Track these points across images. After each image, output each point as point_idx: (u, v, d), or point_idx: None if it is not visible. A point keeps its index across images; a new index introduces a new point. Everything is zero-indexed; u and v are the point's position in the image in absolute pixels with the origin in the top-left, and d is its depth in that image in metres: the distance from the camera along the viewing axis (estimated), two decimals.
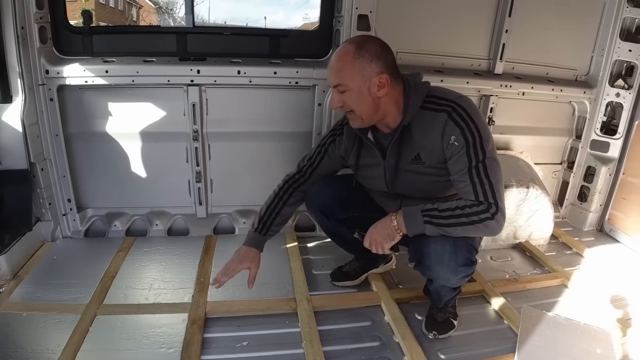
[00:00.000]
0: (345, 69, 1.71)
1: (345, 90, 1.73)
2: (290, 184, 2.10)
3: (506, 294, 2.38)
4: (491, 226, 1.65)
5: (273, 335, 2.03)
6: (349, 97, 1.74)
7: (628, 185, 3.08)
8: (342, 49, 1.73)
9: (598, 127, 3.19)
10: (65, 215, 2.76)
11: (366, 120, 1.80)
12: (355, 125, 1.84)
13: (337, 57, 1.73)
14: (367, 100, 1.73)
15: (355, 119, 1.81)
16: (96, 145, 2.72)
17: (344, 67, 1.71)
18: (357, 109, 1.76)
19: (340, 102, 1.76)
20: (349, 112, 1.80)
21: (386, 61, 1.71)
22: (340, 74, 1.72)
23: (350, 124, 1.87)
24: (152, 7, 23.10)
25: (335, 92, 1.76)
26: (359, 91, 1.71)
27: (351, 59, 1.69)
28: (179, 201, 2.93)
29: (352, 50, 1.69)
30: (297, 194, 2.10)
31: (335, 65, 1.73)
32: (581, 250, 2.93)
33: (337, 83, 1.73)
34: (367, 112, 1.77)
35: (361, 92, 1.71)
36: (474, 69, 3.04)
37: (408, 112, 1.76)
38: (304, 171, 2.12)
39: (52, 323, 2.00)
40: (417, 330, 2.07)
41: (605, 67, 3.10)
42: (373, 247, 1.81)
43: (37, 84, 2.45)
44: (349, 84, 1.71)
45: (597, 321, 2.15)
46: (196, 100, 2.67)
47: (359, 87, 1.71)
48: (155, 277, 2.42)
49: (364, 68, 1.69)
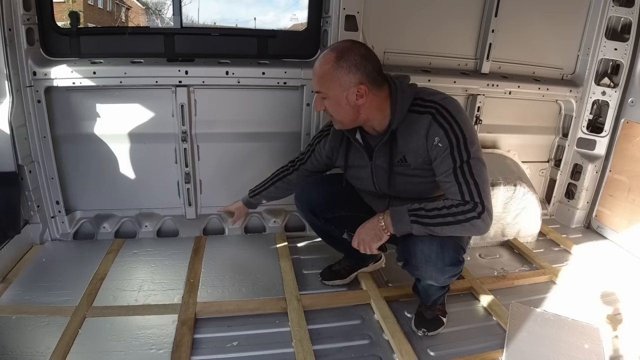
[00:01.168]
0: (325, 77, 1.73)
1: (325, 97, 1.77)
2: (281, 170, 2.35)
3: (495, 290, 2.40)
4: (478, 225, 1.66)
5: (263, 335, 2.03)
6: (328, 103, 1.78)
7: (615, 182, 3.12)
8: (324, 56, 1.74)
9: (584, 125, 3.23)
10: (53, 218, 2.74)
11: (347, 124, 1.84)
12: (337, 127, 1.90)
13: (319, 64, 1.75)
14: (346, 108, 1.76)
15: (336, 123, 1.87)
16: (84, 147, 2.71)
17: (324, 75, 1.73)
18: (336, 115, 1.81)
19: (322, 106, 1.81)
20: (330, 116, 1.84)
21: (366, 71, 1.70)
22: (319, 81, 1.75)
23: (334, 125, 1.92)
24: (140, 8, 22.96)
25: (318, 97, 1.80)
26: (336, 99, 1.74)
27: (330, 68, 1.71)
28: (168, 202, 2.93)
29: (332, 59, 1.70)
30: (284, 180, 2.33)
31: (316, 72, 1.76)
32: (569, 247, 2.96)
33: (317, 90, 1.78)
34: (346, 118, 1.80)
35: (339, 100, 1.74)
36: (461, 68, 3.06)
37: (396, 118, 1.77)
38: (295, 162, 2.30)
39: (41, 326, 1.99)
40: (407, 327, 2.09)
41: (591, 65, 3.14)
42: (361, 247, 1.83)
43: (24, 86, 2.43)
44: (327, 92, 1.74)
45: (585, 317, 2.17)
46: (184, 101, 2.66)
47: (337, 96, 1.73)
48: (144, 278, 2.41)
49: (342, 78, 1.70)
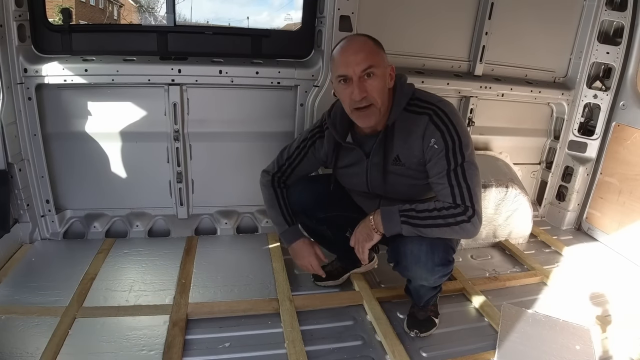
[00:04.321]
0: (373, 52, 1.71)
1: (373, 75, 1.69)
2: (277, 183, 2.17)
3: (486, 291, 2.41)
4: (467, 229, 1.67)
5: (255, 336, 2.03)
6: (373, 84, 1.70)
7: (605, 184, 3.14)
8: (358, 38, 1.74)
9: (576, 128, 3.26)
10: (43, 217, 2.71)
11: (383, 110, 1.76)
12: (370, 122, 1.78)
13: (360, 42, 1.72)
14: (385, 90, 1.75)
15: (373, 113, 1.75)
16: (75, 146, 2.69)
17: (372, 49, 1.71)
18: (379, 98, 1.72)
19: (364, 91, 1.70)
20: (366, 107, 1.73)
21: None
22: (369, 55, 1.69)
23: (361, 122, 1.80)
24: (133, 5, 22.87)
25: (360, 81, 1.69)
26: (382, 77, 1.72)
27: (373, 44, 1.72)
28: (159, 202, 2.91)
29: (370, 39, 1.72)
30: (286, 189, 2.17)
31: (363, 49, 1.70)
32: (560, 249, 2.98)
33: (369, 64, 1.68)
34: (384, 103, 1.75)
35: (384, 78, 1.72)
36: (455, 70, 3.07)
37: (393, 112, 1.78)
38: (284, 170, 2.16)
39: (30, 326, 1.97)
40: (399, 328, 2.09)
41: (583, 69, 3.16)
42: (356, 246, 1.84)
43: (15, 83, 2.41)
44: (379, 65, 1.70)
45: (576, 318, 2.19)
46: (177, 100, 2.65)
47: (383, 74, 1.72)
48: (135, 278, 2.39)
49: (384, 55, 1.73)
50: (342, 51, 1.73)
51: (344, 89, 1.73)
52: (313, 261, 2.16)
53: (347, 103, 1.76)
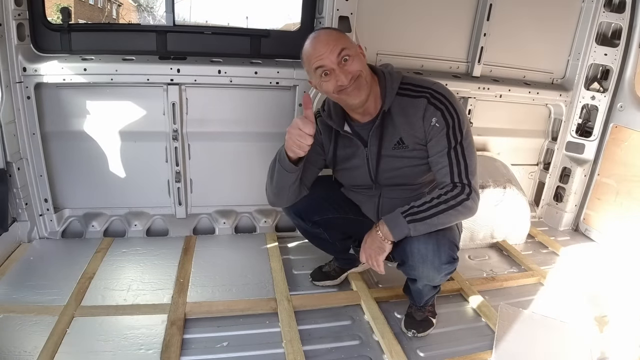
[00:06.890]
0: (341, 37, 1.74)
1: (349, 58, 1.69)
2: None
3: (484, 292, 2.41)
4: (468, 206, 1.72)
5: (253, 335, 2.03)
6: (353, 64, 1.70)
7: (603, 186, 3.15)
8: (321, 32, 1.78)
9: (574, 129, 3.26)
10: (42, 216, 2.71)
11: (369, 85, 1.75)
12: (361, 95, 1.74)
13: (325, 34, 1.75)
14: (366, 64, 1.76)
15: (361, 85, 1.72)
16: (74, 145, 2.69)
17: (338, 36, 1.74)
18: (364, 69, 1.73)
19: (349, 73, 1.69)
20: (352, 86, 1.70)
21: None
22: (339, 41, 1.70)
23: (353, 97, 1.75)
24: (132, 4, 22.82)
25: (339, 68, 1.69)
26: (358, 56, 1.73)
27: (337, 31, 1.80)
28: (158, 201, 2.91)
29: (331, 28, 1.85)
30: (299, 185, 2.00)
31: (330, 37, 1.71)
32: (557, 249, 2.99)
33: (341, 47, 1.68)
34: (369, 74, 1.77)
35: (359, 56, 1.74)
36: (453, 71, 3.08)
37: (387, 97, 1.80)
38: None
39: (29, 325, 1.97)
40: (397, 328, 2.10)
41: (581, 70, 3.17)
42: (369, 262, 1.82)
43: (14, 82, 2.41)
44: (350, 48, 1.71)
45: (572, 318, 2.20)
46: (176, 100, 2.65)
47: (357, 52, 1.74)
48: (133, 278, 2.39)
49: (349, 37, 1.80)
50: (312, 47, 1.73)
51: (328, 81, 1.72)
52: (300, 132, 1.77)
53: (335, 91, 1.74)
